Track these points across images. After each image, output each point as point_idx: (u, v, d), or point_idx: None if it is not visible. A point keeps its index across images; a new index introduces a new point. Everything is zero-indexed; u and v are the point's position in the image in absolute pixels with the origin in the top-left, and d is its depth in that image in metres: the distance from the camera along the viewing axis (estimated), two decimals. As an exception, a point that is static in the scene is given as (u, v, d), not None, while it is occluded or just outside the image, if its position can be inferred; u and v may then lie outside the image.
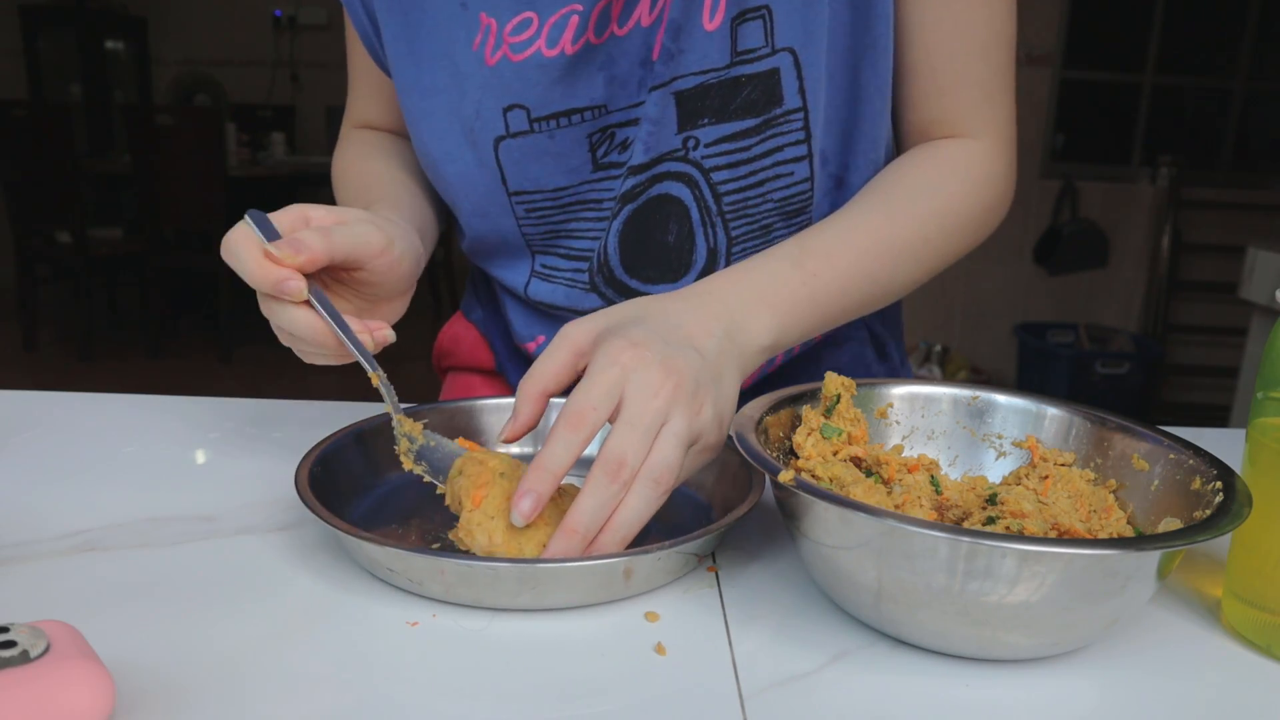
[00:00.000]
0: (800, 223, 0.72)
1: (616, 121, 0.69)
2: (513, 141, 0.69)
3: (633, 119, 0.68)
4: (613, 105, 0.68)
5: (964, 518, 0.51)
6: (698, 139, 0.68)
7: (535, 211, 0.73)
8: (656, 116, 0.67)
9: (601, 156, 0.70)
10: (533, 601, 0.48)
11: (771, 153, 0.69)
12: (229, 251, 0.55)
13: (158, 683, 0.40)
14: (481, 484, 0.52)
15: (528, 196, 0.72)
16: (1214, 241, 3.91)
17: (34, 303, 4.11)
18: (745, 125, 0.68)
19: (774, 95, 0.67)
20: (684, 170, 0.70)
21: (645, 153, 0.69)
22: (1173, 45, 4.00)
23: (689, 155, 0.69)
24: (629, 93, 0.68)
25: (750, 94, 0.67)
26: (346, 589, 0.49)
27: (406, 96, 0.71)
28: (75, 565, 0.51)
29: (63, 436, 0.69)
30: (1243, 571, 0.49)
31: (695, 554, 0.51)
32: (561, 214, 0.73)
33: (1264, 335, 2.41)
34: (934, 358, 3.95)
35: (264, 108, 5.10)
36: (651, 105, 0.67)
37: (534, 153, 0.69)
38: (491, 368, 0.88)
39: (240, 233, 0.55)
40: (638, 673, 0.43)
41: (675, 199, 0.70)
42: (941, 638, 0.44)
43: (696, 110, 0.67)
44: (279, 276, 0.54)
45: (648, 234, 0.72)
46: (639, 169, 0.69)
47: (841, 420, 0.56)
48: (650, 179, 0.70)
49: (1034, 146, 3.93)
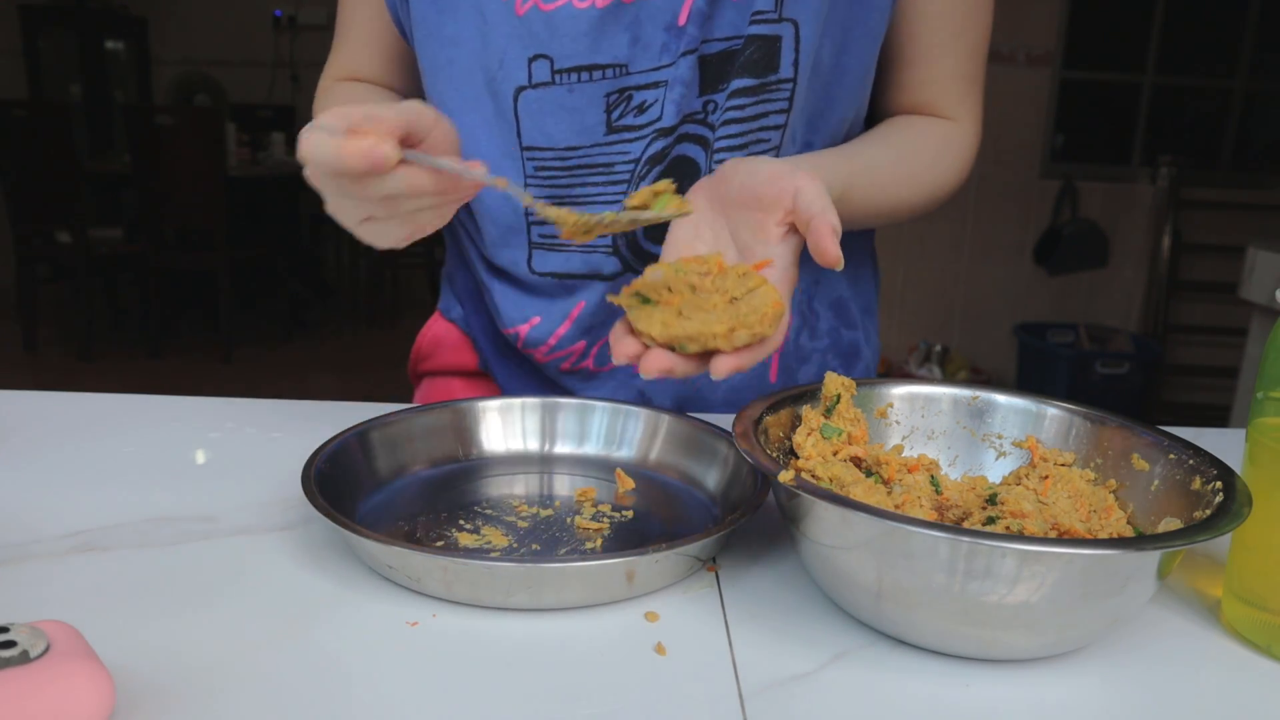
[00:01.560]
0: None
1: (635, 84, 0.70)
2: (533, 93, 0.70)
3: (653, 82, 0.70)
4: (633, 67, 0.69)
5: (964, 518, 0.51)
6: (715, 103, 0.71)
7: (544, 170, 0.73)
8: (688, 79, 0.69)
9: (616, 119, 0.71)
10: (533, 601, 0.48)
11: (759, 117, 0.71)
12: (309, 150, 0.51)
13: (158, 683, 0.40)
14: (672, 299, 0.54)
15: (539, 153, 0.73)
16: (1214, 241, 3.91)
17: (34, 303, 4.11)
18: (745, 84, 0.70)
19: (772, 62, 0.69)
20: (699, 133, 0.71)
21: (676, 114, 0.70)
22: (1173, 45, 4.00)
23: (707, 119, 0.71)
24: (651, 56, 0.69)
25: (753, 54, 0.69)
26: (346, 589, 0.49)
27: (426, 45, 0.72)
28: (75, 565, 0.51)
29: (63, 436, 0.69)
30: (1243, 571, 0.49)
31: (697, 556, 0.51)
32: (568, 177, 0.73)
33: (1264, 335, 2.40)
34: (934, 358, 3.95)
35: (264, 108, 5.09)
36: (684, 67, 0.69)
37: (551, 106, 0.70)
38: (474, 368, 0.87)
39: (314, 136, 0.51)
40: (638, 673, 0.43)
41: (690, 160, 0.72)
42: (941, 638, 0.44)
43: (717, 75, 0.69)
44: (367, 146, 0.49)
45: None
46: (668, 131, 0.70)
47: (841, 420, 0.57)
48: (675, 140, 0.71)
49: (1034, 146, 3.93)
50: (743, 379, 0.81)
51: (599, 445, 0.68)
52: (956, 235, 3.97)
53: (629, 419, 0.68)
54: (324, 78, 0.83)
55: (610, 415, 0.69)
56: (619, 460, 0.67)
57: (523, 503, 0.61)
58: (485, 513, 0.59)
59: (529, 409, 0.69)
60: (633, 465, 0.66)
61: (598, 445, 0.68)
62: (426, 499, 0.61)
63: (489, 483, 0.64)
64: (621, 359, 0.54)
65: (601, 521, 0.58)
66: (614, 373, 0.80)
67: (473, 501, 0.60)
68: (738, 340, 0.51)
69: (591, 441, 0.68)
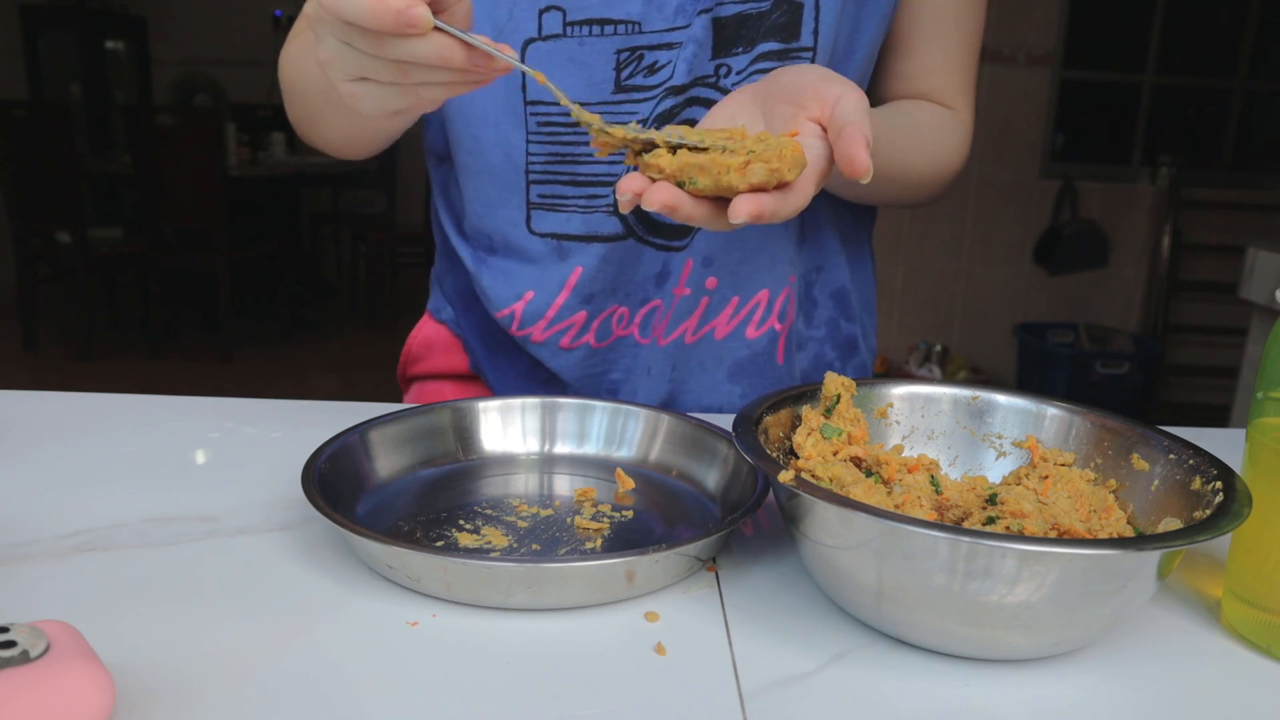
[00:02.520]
0: None
1: (648, 44, 0.70)
2: (542, 45, 0.70)
3: (666, 43, 0.70)
4: (647, 25, 0.69)
5: (964, 518, 0.51)
6: (729, 66, 0.71)
7: (547, 127, 0.73)
8: (701, 39, 0.69)
9: (626, 78, 0.70)
10: (533, 601, 0.48)
11: None
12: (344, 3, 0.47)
13: (158, 683, 0.40)
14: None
15: (543, 109, 0.72)
16: (1214, 241, 3.91)
17: (34, 303, 4.10)
18: (770, 48, 0.70)
19: (794, 29, 0.70)
20: (711, 97, 0.71)
21: (687, 74, 0.70)
22: (1173, 45, 4.00)
23: (719, 83, 0.71)
24: (665, 15, 0.69)
25: (780, 18, 0.69)
26: (346, 589, 0.49)
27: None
28: (75, 565, 0.51)
29: (63, 436, 0.69)
30: (1243, 571, 0.49)
31: (697, 556, 0.51)
32: (572, 134, 0.73)
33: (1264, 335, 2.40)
34: (934, 358, 3.95)
35: (264, 108, 5.09)
36: (698, 27, 0.69)
37: (561, 59, 0.70)
38: (465, 371, 0.87)
39: None
40: (638, 673, 0.43)
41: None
42: (941, 638, 0.44)
43: (731, 38, 0.70)
44: (404, 4, 0.46)
45: None
46: (678, 90, 0.70)
47: (841, 420, 0.57)
48: (685, 101, 0.71)
49: (1034, 146, 3.93)
50: (749, 356, 0.79)
51: (599, 445, 0.68)
52: (956, 235, 3.97)
53: (629, 419, 0.68)
54: (298, 22, 0.79)
55: (610, 415, 0.69)
56: (619, 460, 0.67)
57: (523, 503, 0.61)
58: (485, 513, 0.59)
59: (529, 409, 0.69)
60: (633, 465, 0.66)
61: (598, 445, 0.68)
62: (426, 499, 0.60)
63: (489, 483, 0.64)
64: (624, 193, 0.50)
65: (601, 521, 0.58)
66: (617, 347, 0.79)
67: (473, 501, 0.60)
68: (753, 175, 0.47)
69: (591, 441, 0.68)
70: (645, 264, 0.76)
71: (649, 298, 0.77)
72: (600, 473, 0.65)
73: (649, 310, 0.78)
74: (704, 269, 0.76)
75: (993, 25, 3.71)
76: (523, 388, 0.83)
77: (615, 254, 0.75)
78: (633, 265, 0.76)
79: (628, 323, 0.78)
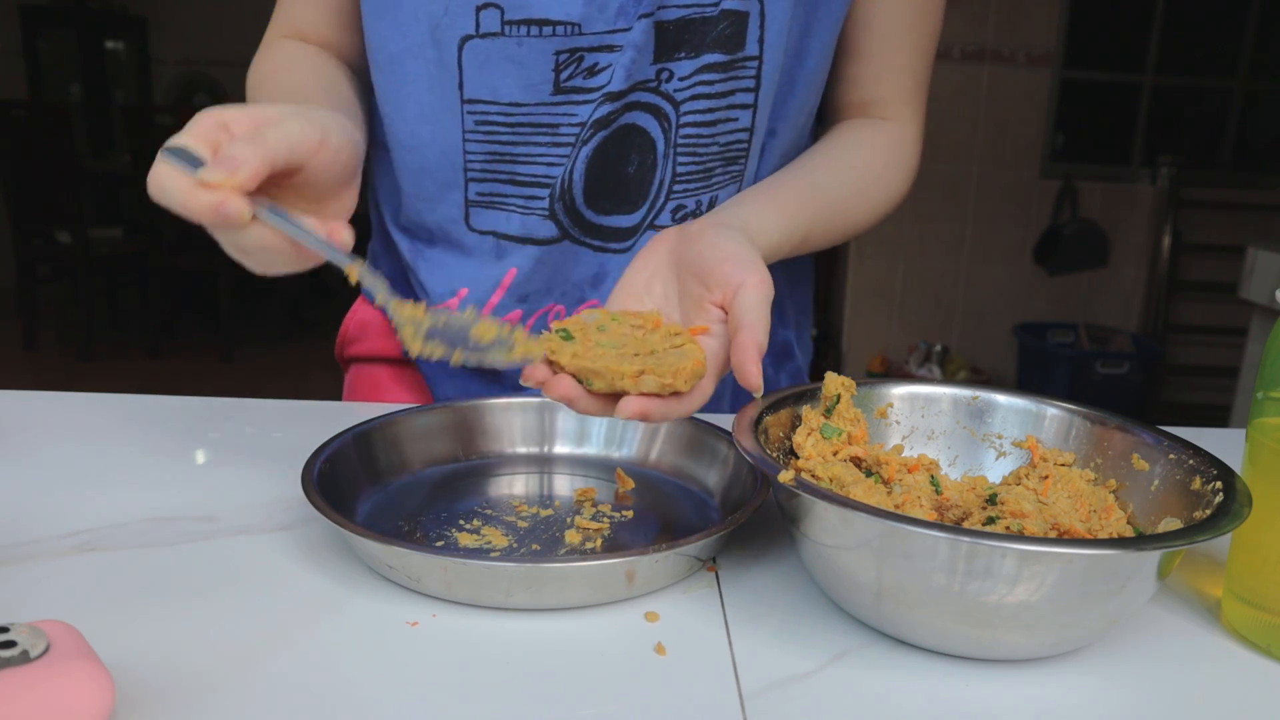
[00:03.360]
0: (735, 171, 0.75)
1: (588, 45, 0.68)
2: (479, 42, 0.69)
3: (606, 45, 0.68)
4: (587, 27, 0.68)
5: (964, 518, 0.51)
6: (671, 71, 0.70)
7: (485, 125, 0.72)
8: (641, 44, 0.68)
9: (565, 80, 0.69)
10: (533, 601, 0.48)
11: (727, 94, 0.71)
12: (156, 190, 0.49)
13: (158, 683, 0.40)
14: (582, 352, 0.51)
15: (481, 107, 0.71)
16: (1214, 241, 3.91)
17: (34, 303, 4.10)
18: (715, 59, 0.69)
19: (740, 38, 0.69)
20: (653, 102, 0.70)
21: (625, 79, 0.69)
22: (1173, 45, 4.00)
23: (660, 87, 0.70)
24: (606, 17, 0.68)
25: (726, 29, 0.69)
26: (346, 589, 0.49)
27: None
28: (75, 565, 0.51)
29: (63, 436, 0.69)
30: (1243, 571, 0.49)
31: (697, 556, 0.51)
32: (511, 134, 0.72)
33: (1264, 335, 2.40)
34: (934, 358, 3.95)
35: (264, 107, 5.08)
36: (638, 32, 0.67)
37: (498, 58, 0.69)
38: (399, 355, 0.86)
39: (164, 170, 0.49)
40: (638, 673, 0.43)
41: (642, 130, 0.71)
42: (941, 638, 0.44)
43: (674, 43, 0.69)
44: (214, 201, 0.47)
45: (612, 164, 0.72)
46: (616, 95, 0.69)
47: (841, 420, 0.57)
48: (624, 107, 0.70)
49: (1034, 146, 3.92)
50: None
51: (599, 445, 0.68)
52: (956, 235, 3.97)
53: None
54: (269, 31, 0.79)
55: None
56: (619, 460, 0.67)
57: (523, 503, 0.61)
58: (485, 513, 0.59)
59: (529, 409, 0.69)
60: (633, 465, 0.66)
61: (598, 445, 0.68)
62: (426, 499, 0.61)
63: (489, 483, 0.64)
64: (528, 382, 0.52)
65: (601, 521, 0.58)
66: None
67: (473, 501, 0.60)
68: (644, 386, 0.49)
69: (591, 441, 0.68)
70: (581, 265, 0.76)
71: (585, 297, 0.77)
72: (600, 473, 0.65)
73: (586, 309, 0.77)
74: None
75: (993, 25, 3.71)
76: (457, 375, 0.82)
77: (551, 255, 0.75)
78: (569, 266, 0.76)
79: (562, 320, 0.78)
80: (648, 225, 0.75)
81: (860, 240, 3.89)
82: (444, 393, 0.83)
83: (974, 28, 3.70)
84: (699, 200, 0.75)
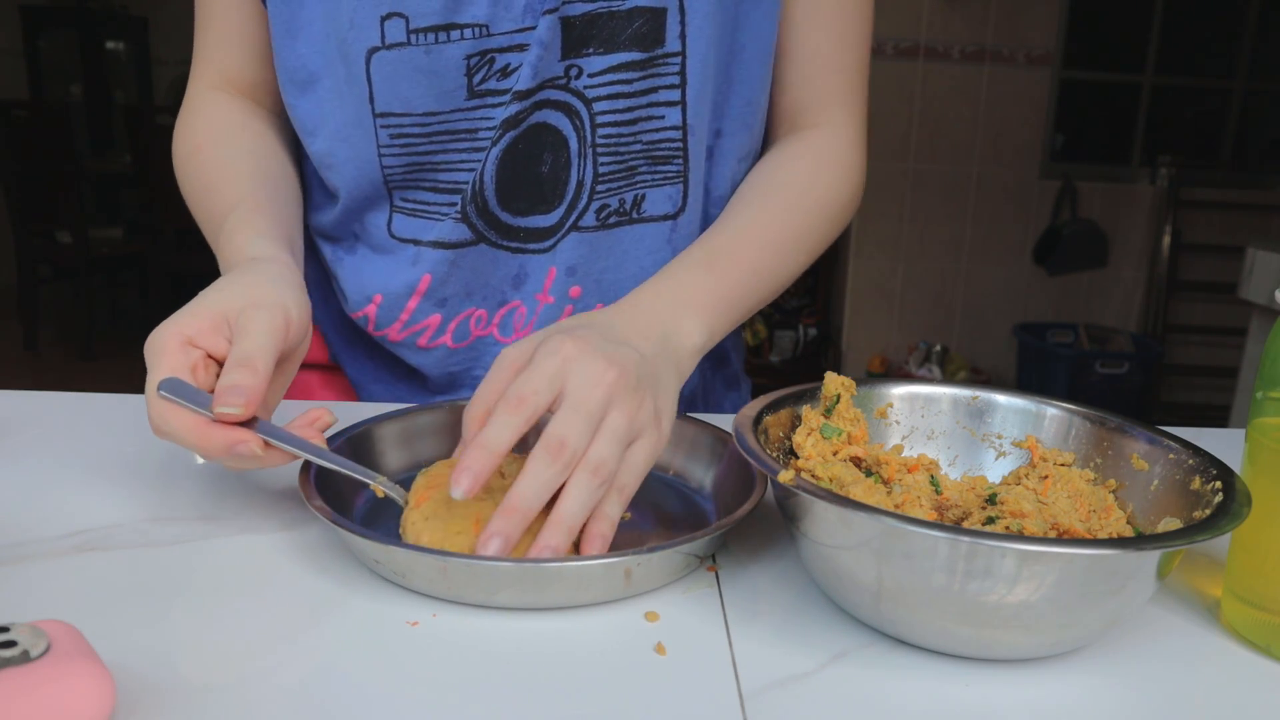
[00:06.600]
0: (670, 172, 0.73)
1: (498, 46, 0.67)
2: (387, 54, 0.67)
3: (516, 44, 0.67)
4: (495, 28, 0.66)
5: (964, 518, 0.51)
6: (581, 68, 0.68)
7: (401, 139, 0.70)
8: (547, 41, 0.67)
9: (478, 83, 0.68)
10: (532, 601, 0.48)
11: (648, 92, 0.70)
12: (162, 432, 0.51)
13: (158, 683, 0.40)
14: (434, 485, 0.52)
15: (395, 120, 0.69)
16: (1213, 241, 3.91)
17: (34, 302, 4.11)
18: (631, 58, 0.68)
19: (658, 34, 0.68)
20: (564, 99, 0.69)
21: (533, 78, 0.68)
22: (1172, 45, 4.00)
23: (570, 84, 0.69)
24: (514, 16, 0.66)
25: (641, 27, 0.67)
26: (346, 589, 0.49)
27: (279, 8, 0.69)
28: (75, 565, 0.51)
29: (63, 436, 0.69)
30: (1242, 571, 0.49)
31: (696, 554, 0.51)
32: (429, 144, 0.70)
33: (1263, 335, 2.40)
34: (934, 358, 3.95)
35: (264, 108, 5.09)
36: (544, 29, 0.66)
37: (407, 69, 0.67)
38: (326, 361, 0.85)
39: (166, 410, 0.50)
40: (638, 673, 0.43)
41: (553, 129, 0.70)
42: (941, 638, 0.44)
43: (581, 39, 0.67)
44: (231, 440, 0.50)
45: (524, 164, 0.71)
46: (524, 94, 0.68)
47: (841, 420, 0.57)
48: (533, 105, 0.69)
49: (1034, 146, 3.92)
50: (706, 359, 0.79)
51: None
52: (956, 235, 3.97)
53: (629, 419, 0.68)
54: (192, 81, 0.78)
55: (610, 415, 0.69)
56: (619, 460, 0.67)
57: (523, 503, 0.61)
58: (485, 513, 0.59)
59: (529, 409, 0.69)
60: (633, 465, 0.66)
61: None
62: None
63: (489, 483, 0.64)
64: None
65: (601, 521, 0.58)
66: (477, 346, 0.77)
67: (473, 501, 0.60)
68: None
69: (591, 441, 0.68)
70: (500, 267, 0.74)
71: (506, 299, 0.76)
72: (600, 473, 0.65)
73: (508, 311, 0.76)
74: (568, 278, 0.74)
75: (993, 25, 3.71)
76: (383, 378, 0.82)
77: (466, 259, 0.73)
78: (486, 269, 0.74)
79: (486, 324, 0.77)
80: (570, 225, 0.73)
81: (860, 240, 3.89)
82: (371, 397, 0.83)
83: (974, 28, 3.70)
84: (623, 199, 0.73)
